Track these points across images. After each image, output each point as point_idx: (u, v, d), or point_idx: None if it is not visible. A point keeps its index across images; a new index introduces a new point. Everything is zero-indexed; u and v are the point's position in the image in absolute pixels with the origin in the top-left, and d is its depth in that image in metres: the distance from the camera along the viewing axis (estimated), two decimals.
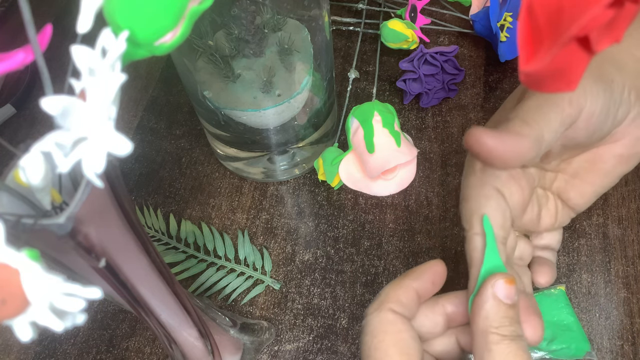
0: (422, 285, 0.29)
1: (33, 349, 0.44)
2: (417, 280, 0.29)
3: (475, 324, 0.26)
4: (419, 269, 0.29)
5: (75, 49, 0.17)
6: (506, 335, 0.26)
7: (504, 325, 0.26)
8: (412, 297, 0.28)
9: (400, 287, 0.28)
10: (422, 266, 0.29)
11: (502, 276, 0.27)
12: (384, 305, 0.27)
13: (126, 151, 0.17)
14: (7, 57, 0.18)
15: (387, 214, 0.48)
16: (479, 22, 0.56)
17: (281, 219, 0.49)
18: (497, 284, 0.27)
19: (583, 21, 0.16)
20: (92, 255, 0.22)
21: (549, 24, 0.18)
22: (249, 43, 0.39)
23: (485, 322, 0.26)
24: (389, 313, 0.27)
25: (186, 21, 0.20)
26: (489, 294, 0.27)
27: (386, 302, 0.28)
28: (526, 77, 0.19)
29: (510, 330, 0.26)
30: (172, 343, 0.33)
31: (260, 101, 0.41)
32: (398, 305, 0.28)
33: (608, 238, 0.46)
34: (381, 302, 0.28)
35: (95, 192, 0.20)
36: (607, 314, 0.43)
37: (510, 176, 0.29)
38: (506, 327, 0.26)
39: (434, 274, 0.29)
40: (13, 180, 0.21)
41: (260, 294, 0.45)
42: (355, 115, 0.47)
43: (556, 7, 0.17)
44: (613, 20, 0.17)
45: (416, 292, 0.28)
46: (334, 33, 0.60)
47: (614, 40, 0.18)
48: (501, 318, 0.26)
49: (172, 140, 0.54)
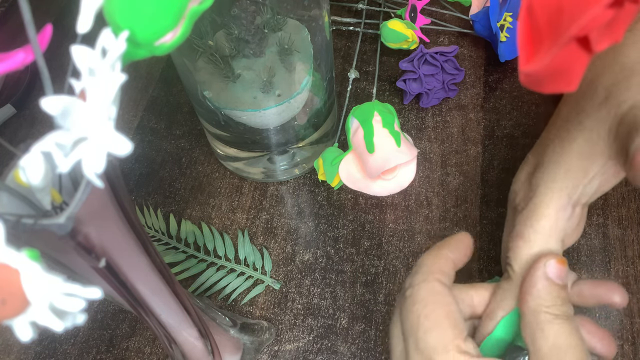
0: (458, 257, 0.29)
1: (33, 349, 0.44)
2: (454, 251, 0.29)
3: (525, 303, 0.26)
4: (453, 240, 0.29)
5: (75, 49, 0.17)
6: (558, 315, 0.25)
7: (556, 305, 0.26)
8: (451, 267, 0.29)
9: (441, 258, 0.29)
10: (455, 238, 0.30)
11: (553, 256, 0.27)
12: (431, 275, 0.28)
13: (126, 151, 0.17)
14: (7, 57, 0.18)
15: (387, 214, 0.48)
16: (479, 22, 0.56)
17: (281, 219, 0.49)
18: (548, 264, 0.27)
19: (583, 21, 0.16)
20: (92, 255, 0.22)
21: (549, 24, 0.18)
22: (249, 43, 0.39)
23: (537, 301, 0.26)
24: (437, 284, 0.27)
25: (186, 21, 0.20)
26: (540, 273, 0.27)
27: (433, 273, 0.28)
28: (526, 77, 0.19)
29: (563, 310, 0.26)
30: (172, 343, 0.33)
31: (260, 101, 0.41)
32: (443, 276, 0.28)
33: (608, 238, 0.46)
34: (427, 272, 0.28)
35: (95, 192, 0.20)
36: (607, 314, 0.43)
37: None
38: (558, 307, 0.26)
39: (466, 246, 0.30)
40: (13, 180, 0.21)
41: (260, 294, 0.45)
42: (355, 115, 0.47)
43: (556, 7, 0.17)
44: (613, 20, 0.17)
45: (454, 263, 0.29)
46: (334, 33, 0.60)
47: (613, 40, 0.18)
48: (553, 298, 0.26)
49: (172, 140, 0.54)
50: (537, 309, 0.26)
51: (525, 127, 0.52)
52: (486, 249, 0.46)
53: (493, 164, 0.50)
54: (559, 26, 0.17)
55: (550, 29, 0.18)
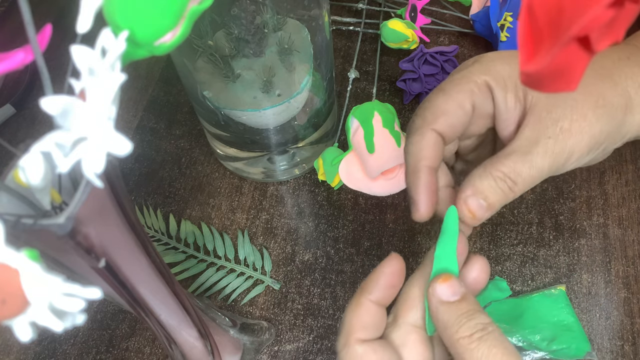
0: (381, 295, 0.27)
1: (33, 349, 0.44)
2: (373, 292, 0.27)
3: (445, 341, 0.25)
4: (372, 277, 0.27)
5: (75, 49, 0.17)
6: (470, 335, 0.24)
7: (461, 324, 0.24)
8: (374, 312, 0.27)
9: (359, 308, 0.27)
10: (375, 273, 0.28)
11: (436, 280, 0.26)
12: (350, 337, 0.26)
13: (126, 151, 0.17)
14: (7, 57, 0.18)
15: (387, 214, 0.48)
16: (479, 22, 0.56)
17: (281, 219, 0.49)
18: (435, 290, 0.26)
19: (583, 21, 0.16)
20: (92, 255, 0.22)
21: (549, 24, 0.18)
22: (249, 43, 0.39)
23: (447, 332, 0.25)
24: (357, 346, 0.26)
25: (186, 21, 0.20)
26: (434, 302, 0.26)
27: (351, 334, 0.26)
28: (526, 77, 0.19)
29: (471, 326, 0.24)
30: (172, 343, 0.33)
31: (260, 101, 0.41)
32: (363, 331, 0.26)
33: (608, 238, 0.46)
34: (347, 334, 0.26)
35: (95, 192, 0.20)
36: (607, 314, 0.43)
37: None
38: (465, 326, 0.24)
39: (390, 276, 0.27)
40: (13, 180, 0.21)
41: (260, 294, 0.45)
42: (355, 115, 0.47)
43: (556, 7, 0.17)
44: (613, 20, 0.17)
45: (377, 304, 0.27)
46: (334, 33, 0.59)
47: (614, 40, 0.18)
48: (456, 318, 0.25)
49: (171, 140, 0.54)
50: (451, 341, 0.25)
51: None
52: (486, 249, 0.46)
53: None
54: (559, 26, 0.17)
55: (551, 29, 0.18)
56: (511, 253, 0.46)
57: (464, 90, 0.30)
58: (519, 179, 0.27)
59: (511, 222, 0.47)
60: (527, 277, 0.45)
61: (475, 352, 0.24)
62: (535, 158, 0.27)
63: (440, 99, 0.30)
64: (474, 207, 0.28)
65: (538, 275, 0.45)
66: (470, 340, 0.24)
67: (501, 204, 0.28)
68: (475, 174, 0.28)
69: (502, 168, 0.28)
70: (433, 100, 0.30)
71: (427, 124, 0.30)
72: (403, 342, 0.27)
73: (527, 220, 0.47)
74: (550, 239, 0.46)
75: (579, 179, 0.49)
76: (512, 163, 0.28)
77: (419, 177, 0.30)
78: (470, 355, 0.24)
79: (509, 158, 0.28)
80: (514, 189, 0.28)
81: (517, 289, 0.44)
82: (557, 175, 0.29)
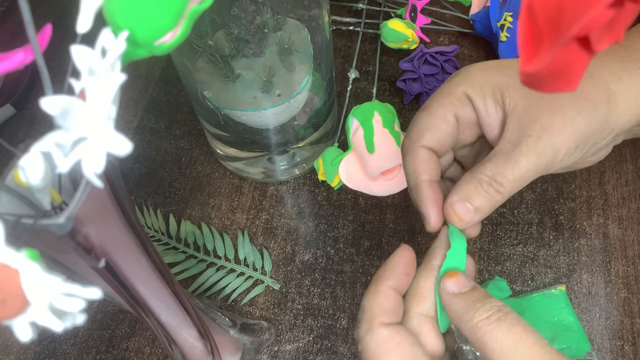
0: (398, 281, 0.28)
1: (33, 349, 0.44)
2: (391, 279, 0.28)
3: (462, 330, 0.26)
4: (389, 265, 0.29)
5: (75, 49, 0.17)
6: (488, 317, 0.25)
7: (477, 309, 0.25)
8: (393, 298, 0.28)
9: (379, 294, 0.28)
10: (390, 261, 0.29)
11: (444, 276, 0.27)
12: (374, 322, 0.27)
13: (126, 151, 0.17)
14: (7, 57, 0.18)
15: (387, 214, 0.48)
16: (479, 22, 0.56)
17: (281, 219, 0.49)
18: (445, 285, 0.27)
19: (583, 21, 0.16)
20: (92, 255, 0.22)
21: (549, 24, 0.18)
22: (249, 43, 0.39)
23: (464, 319, 0.26)
24: (382, 329, 0.27)
25: (186, 21, 0.20)
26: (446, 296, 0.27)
27: (374, 318, 0.27)
28: (526, 77, 0.19)
29: (487, 309, 0.25)
30: (172, 343, 0.33)
31: (260, 101, 0.41)
32: (386, 315, 0.27)
33: (608, 238, 0.46)
34: (369, 319, 0.27)
35: (95, 192, 0.20)
36: (607, 314, 0.43)
37: None
38: (481, 309, 0.25)
39: (405, 265, 0.29)
40: (13, 180, 0.21)
41: (260, 294, 0.45)
42: (355, 115, 0.47)
43: (556, 7, 0.17)
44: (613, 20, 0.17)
45: (395, 290, 0.28)
46: (334, 33, 0.59)
47: (614, 40, 0.18)
48: (470, 305, 0.26)
49: (171, 140, 0.54)
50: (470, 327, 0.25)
51: None
52: (486, 249, 0.46)
53: None
54: (559, 26, 0.17)
55: (551, 29, 0.18)
56: (511, 253, 0.46)
57: (444, 104, 0.31)
58: (504, 181, 0.28)
59: (511, 222, 0.47)
60: (527, 277, 0.45)
61: (496, 331, 0.24)
62: (518, 158, 0.28)
63: (423, 117, 0.31)
64: (461, 211, 0.29)
65: (538, 275, 0.45)
66: (489, 322, 0.25)
67: (491, 207, 0.29)
68: (462, 180, 0.29)
69: (487, 171, 0.28)
70: (417, 119, 0.32)
71: (414, 142, 0.31)
72: (418, 331, 0.28)
73: (527, 220, 0.47)
74: (550, 239, 0.46)
75: (579, 179, 0.49)
76: (496, 166, 0.28)
77: (421, 192, 0.30)
78: (490, 335, 0.25)
79: (492, 161, 0.28)
80: (500, 191, 0.28)
81: (517, 289, 0.44)
82: (557, 175, 0.29)
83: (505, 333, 0.24)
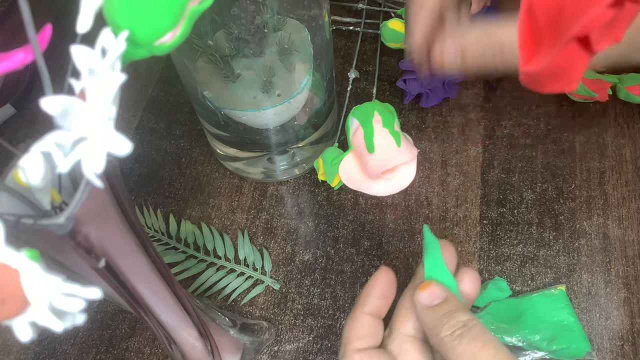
0: (374, 306, 0.29)
1: (33, 349, 0.44)
2: (366, 304, 0.29)
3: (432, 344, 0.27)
4: (365, 291, 0.29)
5: (75, 49, 0.17)
6: (451, 333, 0.25)
7: (443, 324, 0.26)
8: (369, 323, 0.29)
9: (355, 320, 0.29)
10: (368, 286, 0.30)
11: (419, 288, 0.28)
12: (348, 348, 0.28)
13: (126, 151, 0.17)
14: (7, 57, 0.18)
15: (387, 214, 0.48)
16: None
17: (281, 219, 0.49)
18: (418, 297, 0.27)
19: (584, 21, 0.16)
20: (92, 255, 0.22)
21: (549, 24, 0.18)
22: (249, 43, 0.39)
23: (433, 333, 0.26)
24: (355, 355, 0.28)
25: (186, 21, 0.20)
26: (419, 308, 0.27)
27: (348, 344, 0.28)
28: (526, 77, 0.19)
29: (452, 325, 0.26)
30: (172, 343, 0.33)
31: (260, 101, 0.41)
32: (360, 341, 0.28)
33: (608, 238, 0.46)
34: (344, 345, 0.28)
35: (95, 192, 0.20)
36: (607, 314, 0.43)
37: None
38: (447, 325, 0.26)
39: (382, 287, 0.29)
40: (13, 180, 0.21)
41: (260, 294, 0.45)
42: (355, 115, 0.47)
43: (556, 7, 0.17)
44: (613, 20, 0.17)
45: (371, 316, 0.29)
46: (334, 33, 0.60)
47: (613, 40, 0.18)
48: (438, 319, 0.26)
49: (171, 140, 0.54)
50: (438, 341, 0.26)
51: (525, 127, 0.52)
52: (486, 249, 0.46)
53: (493, 164, 0.50)
54: (559, 26, 0.17)
55: (551, 29, 0.18)
56: (511, 253, 0.46)
57: None
58: None
59: (511, 222, 0.47)
60: (527, 277, 0.45)
61: (457, 347, 0.25)
62: None
63: None
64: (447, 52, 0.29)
65: (538, 275, 0.45)
66: (452, 338, 0.25)
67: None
68: None
69: None
70: None
71: None
72: (399, 351, 0.28)
73: (527, 220, 0.47)
74: (550, 239, 0.46)
75: (579, 179, 0.49)
76: None
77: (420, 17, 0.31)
78: (454, 352, 0.25)
79: None
80: None
81: (517, 289, 0.44)
82: (557, 175, 0.29)
83: (464, 349, 0.25)
